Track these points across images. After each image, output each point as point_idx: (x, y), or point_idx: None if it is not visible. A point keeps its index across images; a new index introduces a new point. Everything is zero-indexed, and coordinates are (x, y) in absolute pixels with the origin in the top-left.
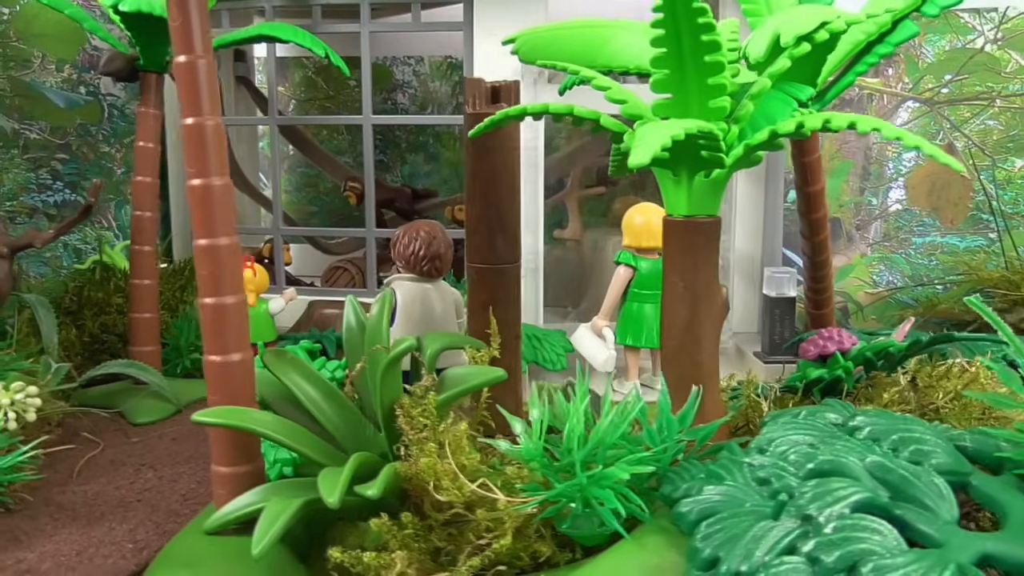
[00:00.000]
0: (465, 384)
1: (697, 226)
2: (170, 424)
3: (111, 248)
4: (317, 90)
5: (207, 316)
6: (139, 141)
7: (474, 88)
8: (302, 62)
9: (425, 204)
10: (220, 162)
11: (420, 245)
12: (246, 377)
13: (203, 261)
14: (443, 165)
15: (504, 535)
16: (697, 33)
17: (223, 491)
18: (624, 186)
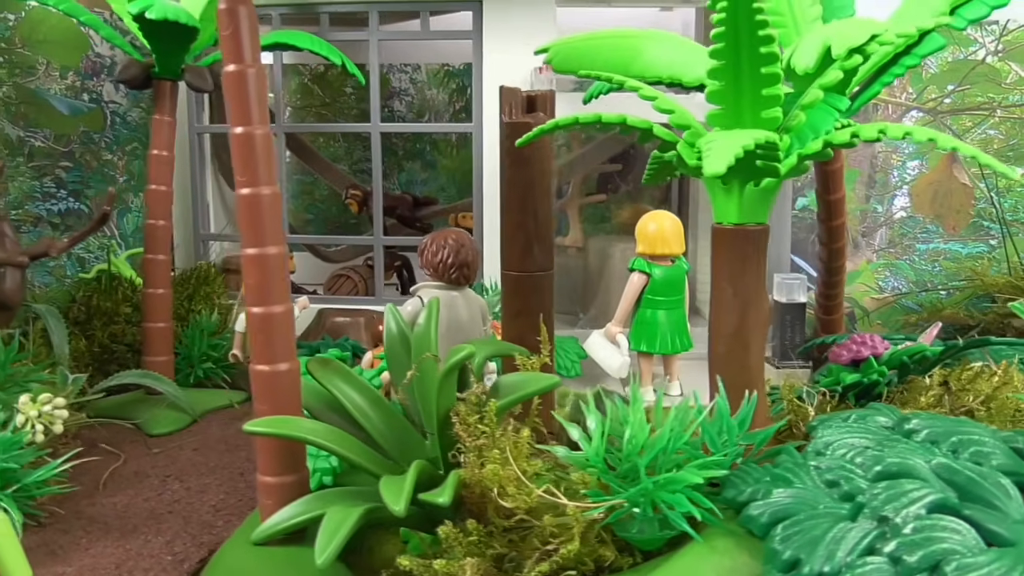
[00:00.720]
0: (522, 391)
1: (747, 234)
2: (187, 435)
3: (116, 257)
4: (313, 97)
5: (255, 325)
6: (153, 149)
7: (510, 98)
8: (298, 69)
9: (426, 211)
10: (268, 171)
11: (448, 253)
12: (293, 386)
13: (252, 270)
14: (440, 172)
15: (572, 540)
16: (756, 45)
17: (270, 501)
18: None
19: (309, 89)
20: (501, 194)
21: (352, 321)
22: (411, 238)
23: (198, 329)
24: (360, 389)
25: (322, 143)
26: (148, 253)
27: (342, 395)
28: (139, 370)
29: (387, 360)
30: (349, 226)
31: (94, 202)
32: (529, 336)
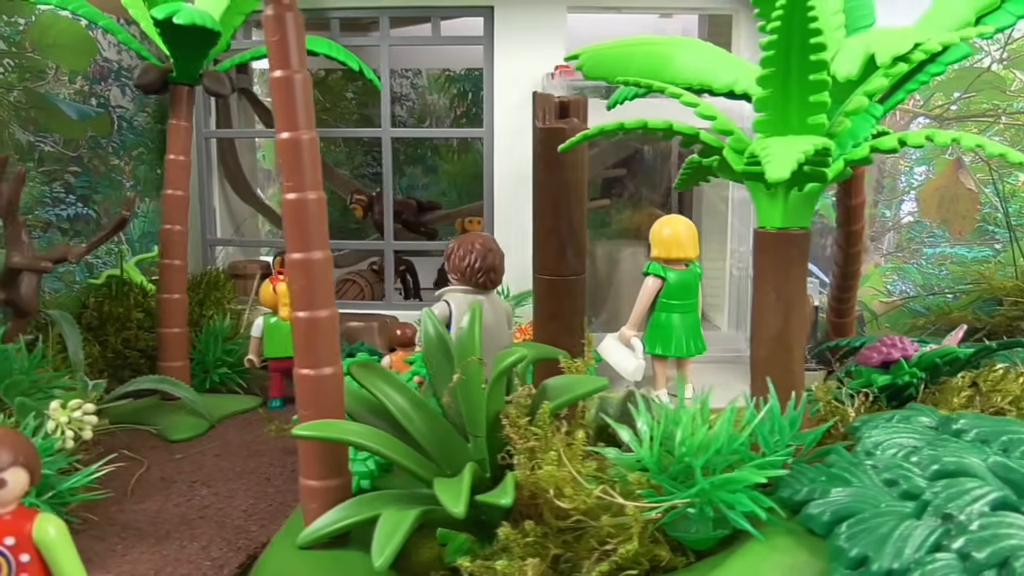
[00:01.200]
0: (572, 393)
1: (791, 238)
2: (207, 440)
3: (126, 262)
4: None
5: (300, 330)
6: (170, 154)
7: (544, 103)
8: None
9: (431, 216)
10: (314, 176)
11: (476, 258)
12: (337, 390)
13: (297, 275)
14: (442, 177)
15: (630, 540)
16: (808, 52)
17: (314, 505)
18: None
19: None
20: (533, 199)
21: (366, 326)
22: (423, 243)
23: (212, 334)
24: (402, 391)
25: (323, 148)
26: (164, 258)
27: (385, 398)
28: (156, 375)
29: (425, 363)
30: (349, 231)
31: (102, 207)
32: (563, 339)
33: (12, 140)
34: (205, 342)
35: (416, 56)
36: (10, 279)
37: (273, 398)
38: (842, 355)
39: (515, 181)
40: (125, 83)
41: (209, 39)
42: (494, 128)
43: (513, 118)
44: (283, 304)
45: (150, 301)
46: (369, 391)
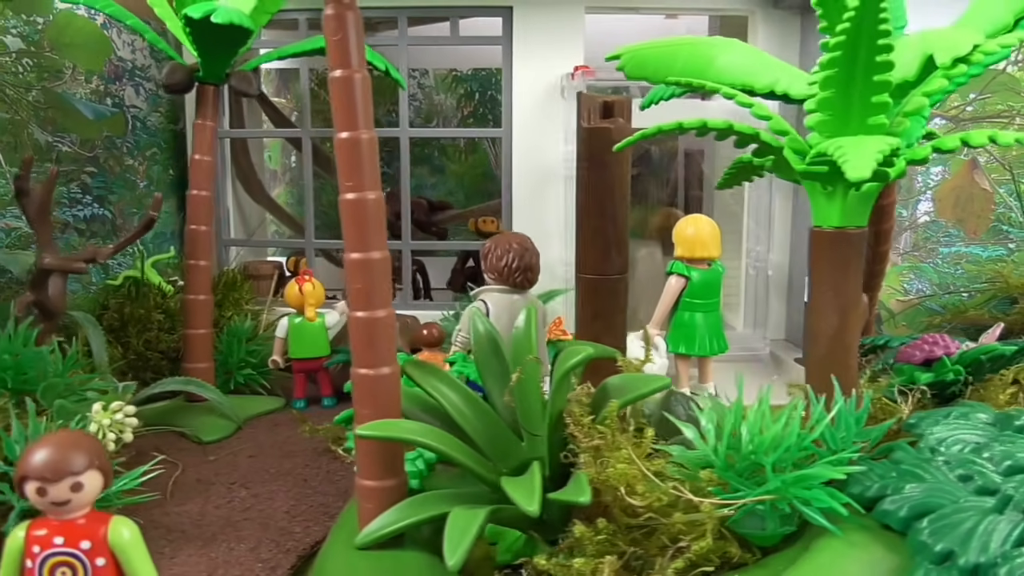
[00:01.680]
0: (636, 392)
1: (848, 237)
2: (237, 442)
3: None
4: (320, 102)
5: (357, 330)
6: (195, 154)
7: (588, 103)
8: None
9: (442, 216)
10: (373, 176)
11: (513, 257)
12: (394, 390)
13: (356, 275)
14: (448, 177)
15: (703, 537)
16: (875, 53)
17: (371, 505)
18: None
19: (315, 93)
20: (577, 199)
21: None
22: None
23: (234, 335)
24: (456, 389)
25: (329, 147)
26: (189, 259)
27: (440, 396)
28: (182, 377)
29: (476, 362)
30: None
31: (117, 208)
32: (606, 338)
33: (31, 140)
34: (227, 343)
35: (423, 56)
36: (40, 281)
37: (297, 399)
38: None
39: (535, 181)
40: (139, 82)
41: (239, 38)
42: (512, 128)
43: (532, 118)
44: (309, 304)
45: (169, 302)
46: (424, 390)
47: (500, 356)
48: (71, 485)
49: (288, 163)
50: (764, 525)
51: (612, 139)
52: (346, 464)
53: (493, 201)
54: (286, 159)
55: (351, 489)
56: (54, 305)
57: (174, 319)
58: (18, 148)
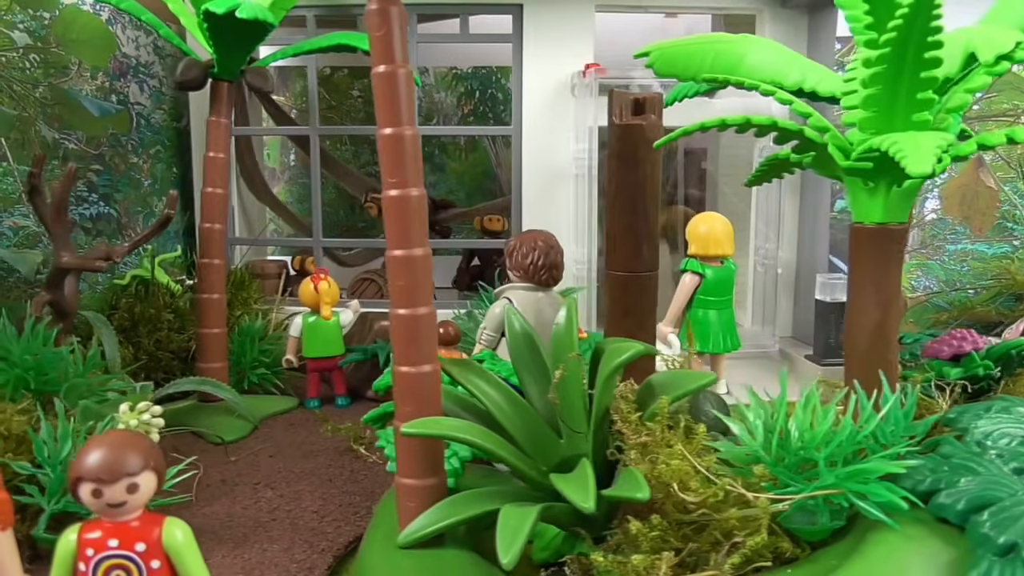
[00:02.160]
0: (682, 388)
1: (890, 233)
2: (255, 442)
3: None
4: (320, 100)
5: (399, 327)
6: (209, 151)
7: (620, 100)
8: (303, 72)
9: (446, 214)
10: (417, 172)
11: (539, 255)
12: (435, 387)
13: (399, 272)
14: (449, 176)
15: (758, 532)
16: (925, 50)
17: (412, 504)
18: None
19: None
20: (607, 196)
21: None
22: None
23: (247, 335)
24: (497, 387)
25: (329, 146)
26: (203, 257)
27: (481, 393)
28: (197, 377)
29: (513, 359)
30: (357, 230)
31: (122, 206)
32: (637, 336)
33: (38, 137)
34: (240, 343)
35: (423, 54)
36: (57, 280)
37: (310, 398)
38: None
39: (545, 179)
40: (143, 79)
41: (257, 34)
42: (522, 125)
43: (542, 116)
44: (324, 303)
45: (178, 302)
46: (465, 387)
47: (537, 353)
48: (127, 486)
49: (287, 161)
50: (815, 520)
51: (644, 135)
52: (368, 463)
53: (499, 199)
54: (285, 157)
55: (376, 488)
56: (68, 305)
57: (184, 319)
58: (26, 145)
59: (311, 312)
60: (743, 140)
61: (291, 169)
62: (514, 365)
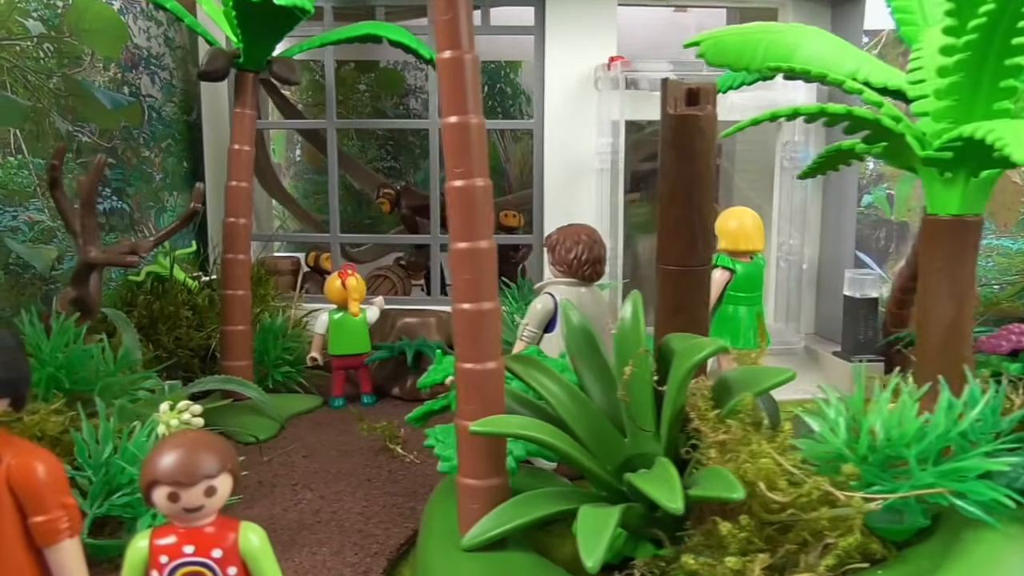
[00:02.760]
0: (761, 385)
1: (966, 225)
2: (284, 442)
3: (163, 259)
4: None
5: (463, 323)
6: (234, 144)
7: (674, 90)
8: (310, 66)
9: None
10: (482, 162)
11: (583, 249)
12: (499, 384)
13: (464, 266)
14: None
15: (851, 532)
16: (1011, 36)
17: (475, 505)
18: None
19: (320, 86)
20: (660, 188)
21: (422, 321)
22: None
23: (269, 332)
24: (560, 384)
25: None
26: (228, 252)
27: (544, 390)
28: (222, 375)
29: (571, 354)
30: (364, 226)
31: (134, 200)
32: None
33: (52, 129)
34: (262, 340)
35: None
36: (83, 276)
37: (335, 396)
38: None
39: (569, 173)
40: (154, 71)
41: (287, 23)
42: (544, 119)
43: (565, 110)
44: (353, 299)
45: (196, 299)
46: (527, 384)
47: (596, 348)
48: (205, 489)
49: (292, 157)
50: (902, 519)
51: (700, 126)
52: (405, 463)
53: (515, 195)
54: (290, 153)
55: (418, 488)
56: (93, 302)
57: (202, 316)
58: (40, 137)
59: (337, 309)
60: (760, 135)
61: (296, 164)
62: (572, 361)
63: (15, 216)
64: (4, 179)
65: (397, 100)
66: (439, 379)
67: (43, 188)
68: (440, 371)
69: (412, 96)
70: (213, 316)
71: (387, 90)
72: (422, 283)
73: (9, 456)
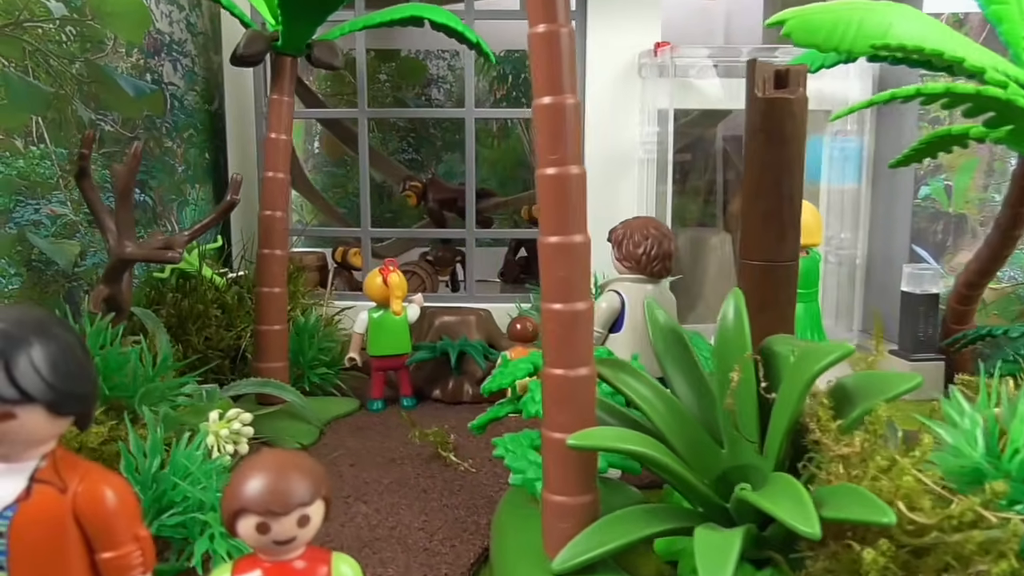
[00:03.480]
0: (887, 393)
1: None
2: (325, 448)
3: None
4: (345, 84)
5: (554, 325)
6: (271, 132)
7: (762, 72)
8: None
9: (487, 203)
10: (576, 148)
11: (652, 244)
12: (590, 392)
13: (557, 262)
14: (481, 163)
15: (1004, 558)
16: None
17: (565, 524)
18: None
19: (341, 76)
20: (746, 177)
21: (462, 320)
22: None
23: (304, 332)
24: (653, 389)
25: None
26: (264, 248)
27: (638, 397)
28: (258, 378)
29: (659, 356)
30: (385, 220)
31: (157, 193)
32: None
33: (75, 118)
34: (297, 341)
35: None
36: (116, 273)
37: (374, 399)
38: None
39: (609, 164)
40: (176, 58)
41: (330, 4)
42: (584, 108)
43: (606, 97)
44: (396, 297)
45: (225, 297)
46: (618, 389)
47: (687, 351)
48: (299, 519)
49: (311, 149)
50: None
51: (792, 110)
52: (460, 472)
53: None
54: (308, 144)
55: (477, 500)
56: (125, 301)
57: (232, 315)
58: (63, 126)
59: (376, 307)
60: None
61: (315, 156)
62: (660, 364)
63: (37, 209)
64: (26, 170)
65: (419, 90)
66: (506, 383)
67: (66, 179)
68: (507, 375)
69: (434, 86)
70: (243, 315)
71: (409, 80)
72: (447, 279)
73: (75, 482)
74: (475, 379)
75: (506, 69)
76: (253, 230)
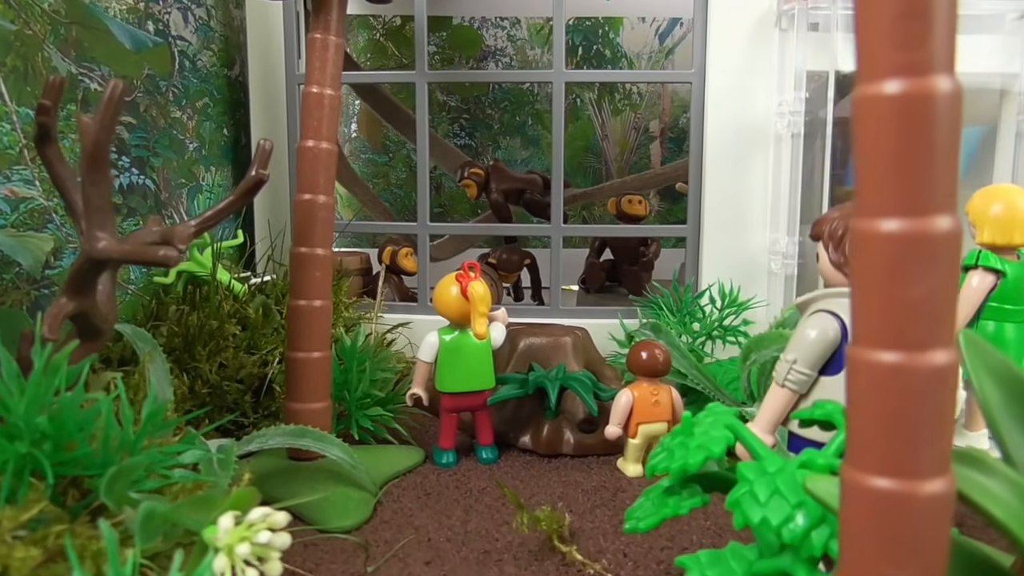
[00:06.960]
0: None
1: None
2: (386, 529)
3: (200, 253)
4: (387, 56)
5: (871, 388)
6: (311, 86)
7: None
8: (368, 21)
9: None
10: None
11: None
12: (944, 525)
13: (904, 267)
14: (544, 150)
15: None
16: None
17: None
18: None
19: (382, 46)
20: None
21: (554, 342)
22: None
23: (352, 358)
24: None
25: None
26: (300, 245)
27: (991, 503)
28: (289, 426)
29: (995, 424)
30: (434, 215)
31: (161, 175)
32: None
33: (48, 67)
34: (342, 370)
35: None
36: (86, 279)
37: (444, 449)
38: None
39: (737, 140)
40: (187, 6)
41: None
42: (706, 70)
43: (734, 58)
44: (479, 314)
45: (246, 309)
46: (980, 509)
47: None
48: None
49: (347, 132)
50: None
51: None
52: (586, 574)
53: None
54: (344, 128)
55: None
56: (103, 317)
57: (256, 334)
58: (29, 79)
59: (448, 327)
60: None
61: (352, 142)
62: (998, 434)
63: None
64: None
65: (473, 64)
66: (694, 464)
67: (32, 149)
68: (695, 451)
69: (492, 60)
70: (270, 333)
71: (462, 52)
72: (509, 287)
73: None
74: (575, 421)
75: (576, 39)
76: (283, 221)
